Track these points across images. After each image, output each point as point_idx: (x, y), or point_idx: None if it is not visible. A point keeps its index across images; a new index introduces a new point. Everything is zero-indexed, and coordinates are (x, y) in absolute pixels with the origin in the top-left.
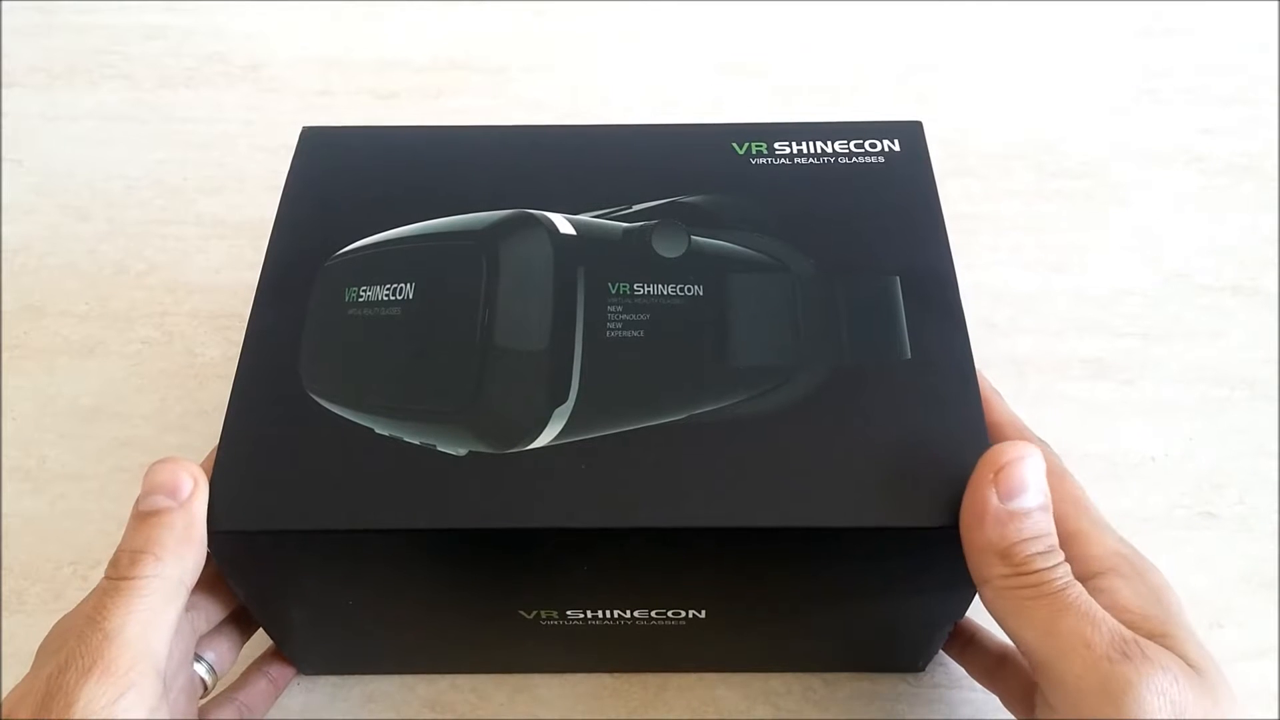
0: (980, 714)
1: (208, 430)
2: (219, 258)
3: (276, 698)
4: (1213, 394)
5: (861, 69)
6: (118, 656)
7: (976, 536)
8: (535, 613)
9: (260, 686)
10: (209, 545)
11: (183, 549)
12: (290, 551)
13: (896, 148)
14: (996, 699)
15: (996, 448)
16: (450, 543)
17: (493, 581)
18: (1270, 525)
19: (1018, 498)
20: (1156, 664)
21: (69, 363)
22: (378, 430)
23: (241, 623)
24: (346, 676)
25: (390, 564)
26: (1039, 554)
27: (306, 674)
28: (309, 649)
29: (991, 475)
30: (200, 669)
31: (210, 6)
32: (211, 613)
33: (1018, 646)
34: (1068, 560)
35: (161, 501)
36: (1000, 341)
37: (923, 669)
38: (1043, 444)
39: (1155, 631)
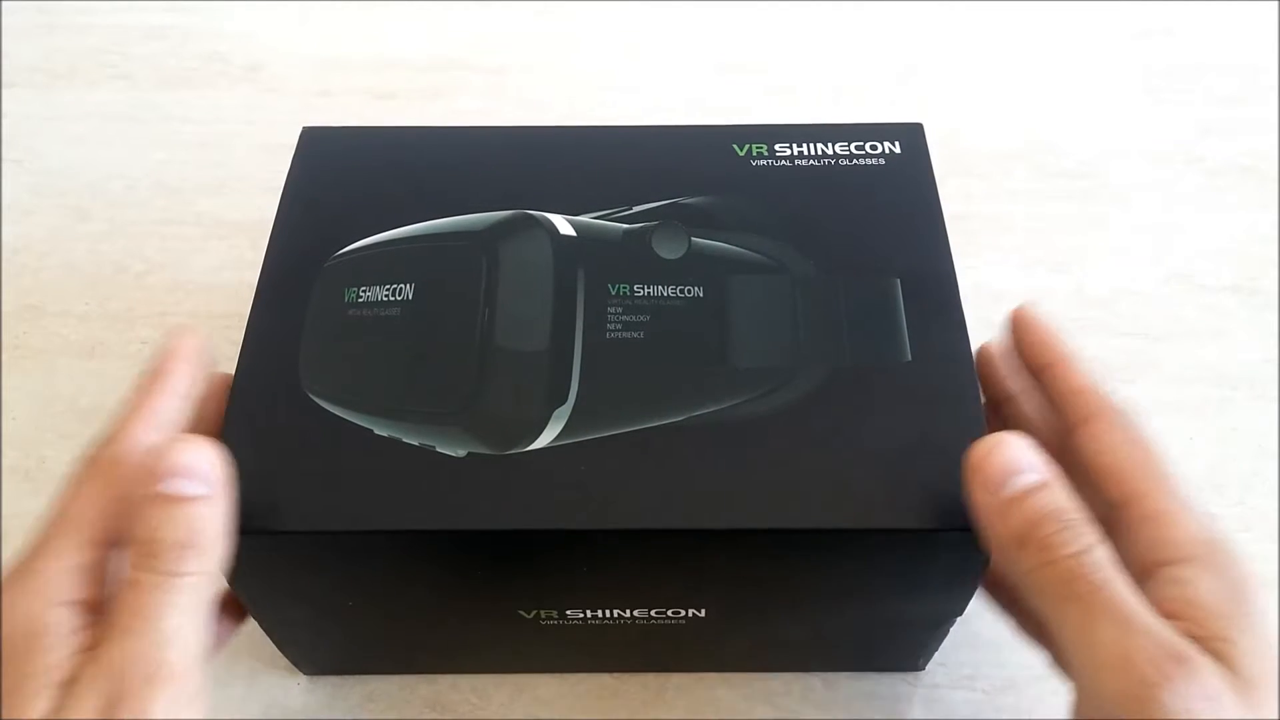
0: (980, 714)
1: None
2: (219, 258)
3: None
4: (1213, 394)
5: (862, 69)
6: (181, 662)
7: (990, 538)
8: (535, 613)
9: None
10: None
11: (223, 540)
12: (290, 552)
13: (897, 149)
14: (997, 700)
15: (974, 446)
16: (450, 543)
17: (492, 582)
18: (1270, 525)
19: (1008, 483)
20: (1197, 683)
21: (69, 363)
22: (377, 431)
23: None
24: (346, 676)
25: (390, 565)
26: (1056, 533)
27: (307, 674)
28: (309, 649)
29: (976, 476)
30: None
31: (210, 6)
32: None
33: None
34: (1145, 544)
35: (195, 488)
36: None
37: (923, 669)
38: (1123, 414)
39: (1220, 634)
